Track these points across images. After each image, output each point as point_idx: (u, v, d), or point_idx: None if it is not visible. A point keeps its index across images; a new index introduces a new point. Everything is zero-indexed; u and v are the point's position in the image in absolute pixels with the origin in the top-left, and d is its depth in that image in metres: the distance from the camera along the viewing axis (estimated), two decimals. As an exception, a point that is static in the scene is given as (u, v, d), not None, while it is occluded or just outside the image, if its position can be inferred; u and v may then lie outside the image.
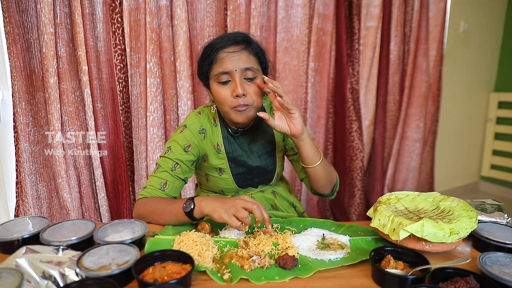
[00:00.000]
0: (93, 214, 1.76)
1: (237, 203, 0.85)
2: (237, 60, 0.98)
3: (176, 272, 0.68)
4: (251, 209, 0.84)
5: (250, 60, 1.00)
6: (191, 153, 1.06)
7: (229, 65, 0.97)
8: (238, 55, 0.98)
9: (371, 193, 2.37)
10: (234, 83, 0.98)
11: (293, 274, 0.71)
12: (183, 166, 1.05)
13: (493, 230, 0.86)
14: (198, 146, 1.08)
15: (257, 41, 1.08)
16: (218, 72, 0.99)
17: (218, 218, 0.85)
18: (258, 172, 1.14)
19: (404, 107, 2.35)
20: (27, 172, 1.56)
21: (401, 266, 0.72)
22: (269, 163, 1.15)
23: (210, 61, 1.01)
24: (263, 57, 1.07)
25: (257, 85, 0.99)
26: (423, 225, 0.75)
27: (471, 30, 2.91)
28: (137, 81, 1.72)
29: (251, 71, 0.99)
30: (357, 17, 2.07)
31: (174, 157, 1.04)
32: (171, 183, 1.04)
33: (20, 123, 1.52)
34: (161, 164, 1.05)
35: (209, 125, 1.10)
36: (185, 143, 1.05)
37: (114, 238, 0.81)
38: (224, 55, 0.99)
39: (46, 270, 0.65)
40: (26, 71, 1.52)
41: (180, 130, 1.08)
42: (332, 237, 0.87)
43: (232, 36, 1.02)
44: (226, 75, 0.99)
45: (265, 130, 1.14)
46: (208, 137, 1.09)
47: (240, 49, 1.00)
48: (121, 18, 1.63)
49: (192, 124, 1.08)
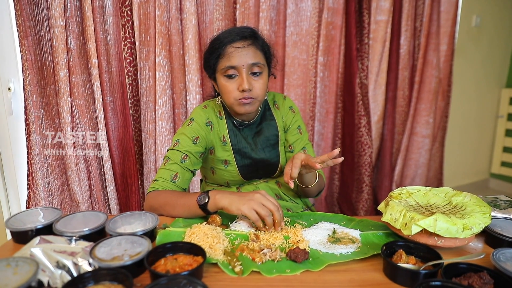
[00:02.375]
0: (102, 206, 1.78)
1: (257, 197, 0.86)
2: (245, 56, 1.00)
3: (188, 264, 0.68)
4: (272, 210, 0.86)
5: (257, 56, 1.03)
6: (200, 145, 1.08)
7: (236, 60, 1.00)
8: (245, 51, 1.01)
9: (379, 188, 2.35)
10: (240, 78, 1.01)
11: (304, 267, 0.71)
12: (192, 157, 1.07)
13: (507, 226, 0.85)
14: (205, 138, 1.10)
15: (264, 36, 1.10)
16: (225, 66, 1.01)
17: (235, 210, 0.85)
18: (263, 164, 1.16)
19: (414, 102, 2.32)
20: (38, 164, 1.58)
21: (413, 261, 0.72)
22: (273, 155, 1.17)
23: (218, 55, 1.03)
24: (269, 52, 1.10)
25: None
26: (435, 219, 0.74)
27: (483, 25, 2.86)
28: (146, 74, 1.72)
29: (258, 66, 1.02)
30: (367, 11, 2.05)
31: (183, 149, 1.05)
32: (181, 175, 1.05)
33: (31, 116, 1.53)
34: (170, 157, 1.06)
35: (215, 118, 1.13)
36: (193, 135, 1.07)
37: (125, 229, 0.81)
38: (231, 50, 1.01)
39: (60, 259, 0.66)
40: (37, 64, 1.53)
41: (187, 124, 1.10)
42: (343, 231, 0.87)
43: (240, 31, 1.03)
44: (233, 70, 1.01)
45: (269, 123, 1.17)
46: (214, 129, 1.12)
47: (248, 45, 1.02)
48: (131, 12, 1.63)
49: (199, 117, 1.10)
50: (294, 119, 1.20)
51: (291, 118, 1.20)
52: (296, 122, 1.21)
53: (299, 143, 1.20)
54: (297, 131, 1.20)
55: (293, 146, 1.20)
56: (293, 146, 1.20)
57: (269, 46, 1.10)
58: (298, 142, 1.20)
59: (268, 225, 0.86)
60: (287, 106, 1.21)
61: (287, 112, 1.20)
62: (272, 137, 1.17)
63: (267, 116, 1.18)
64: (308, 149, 1.21)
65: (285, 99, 1.22)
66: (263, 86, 1.05)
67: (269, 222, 0.85)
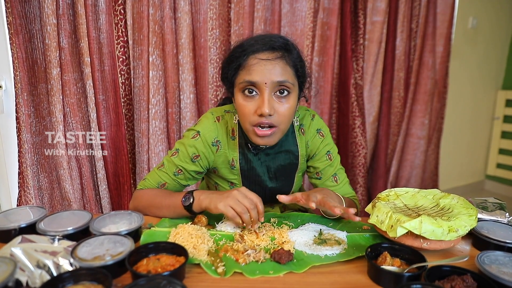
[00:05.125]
0: (94, 206, 1.77)
1: (234, 194, 0.83)
2: (269, 71, 0.82)
3: (170, 264, 0.68)
4: (248, 208, 0.82)
5: (286, 72, 0.84)
6: (198, 164, 0.98)
7: (258, 75, 0.82)
8: (271, 65, 0.83)
9: (374, 190, 2.35)
10: (261, 98, 0.84)
11: (287, 269, 0.71)
12: (187, 174, 0.99)
13: (494, 228, 0.84)
14: (208, 158, 0.99)
15: (298, 49, 0.91)
16: (243, 80, 0.84)
17: (214, 209, 0.84)
18: (272, 192, 1.04)
19: (409, 103, 2.32)
20: (29, 163, 1.57)
21: (397, 263, 0.71)
22: (285, 184, 1.06)
23: (238, 65, 0.87)
24: (302, 70, 0.91)
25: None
26: (421, 222, 0.74)
27: (480, 26, 2.86)
28: (139, 73, 1.71)
29: (285, 86, 0.84)
30: (363, 12, 2.04)
31: (179, 163, 0.97)
32: (170, 186, 1.01)
33: (22, 114, 1.52)
34: (166, 165, 0.99)
35: (225, 137, 0.99)
36: (194, 152, 0.96)
37: (110, 229, 0.81)
38: (254, 62, 0.83)
39: (40, 259, 0.65)
40: (28, 62, 1.52)
41: (192, 135, 0.97)
42: (330, 233, 0.86)
43: (269, 39, 0.86)
44: (253, 87, 0.84)
45: (289, 150, 1.02)
46: (222, 150, 0.98)
47: (276, 57, 0.84)
48: (124, 10, 1.62)
49: (206, 132, 0.97)
50: (322, 144, 1.03)
51: (318, 143, 1.03)
52: (325, 147, 1.04)
53: (328, 170, 1.05)
54: (326, 157, 1.04)
55: (321, 173, 1.05)
56: (321, 173, 1.05)
57: (304, 63, 0.92)
58: (327, 169, 1.04)
59: (245, 222, 0.82)
60: (314, 130, 1.03)
61: (314, 137, 1.03)
62: (289, 166, 1.03)
63: (290, 141, 1.01)
64: (339, 175, 1.06)
65: (313, 119, 1.04)
66: (289, 112, 0.86)
67: (246, 219, 0.82)
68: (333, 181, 1.05)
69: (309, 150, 1.04)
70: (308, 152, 1.04)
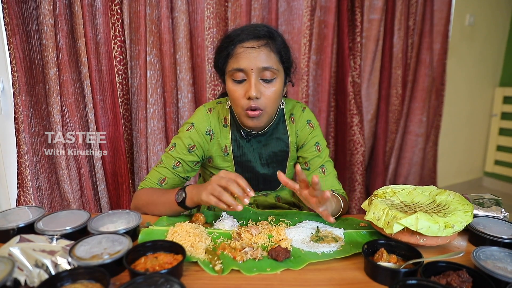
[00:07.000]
0: (93, 205, 1.77)
1: (213, 180, 0.83)
2: (255, 58, 0.89)
3: (168, 262, 0.68)
4: (225, 186, 0.80)
5: (270, 59, 0.91)
6: (195, 154, 1.02)
7: (245, 62, 0.89)
8: (256, 52, 0.89)
9: (372, 187, 2.35)
10: (248, 83, 0.90)
11: (284, 266, 0.71)
12: (185, 165, 1.02)
13: (490, 224, 0.85)
14: (203, 148, 1.03)
15: (282, 37, 0.97)
16: (232, 68, 0.91)
17: (200, 201, 0.85)
18: (265, 179, 1.09)
19: (407, 101, 2.33)
20: (27, 163, 1.57)
21: (394, 260, 0.72)
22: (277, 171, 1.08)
23: (227, 54, 0.93)
24: (287, 56, 0.97)
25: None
26: (417, 218, 0.74)
27: (477, 24, 2.86)
28: (137, 73, 1.71)
29: (270, 72, 0.91)
30: (360, 10, 2.05)
31: (176, 156, 1.01)
32: (170, 180, 1.02)
33: (21, 115, 1.52)
34: (164, 160, 1.03)
35: (218, 126, 1.04)
36: (190, 143, 1.01)
37: (108, 228, 0.81)
38: (241, 51, 0.90)
39: (38, 258, 0.65)
40: (26, 63, 1.52)
41: (187, 128, 1.02)
42: (327, 230, 0.87)
43: (254, 29, 0.92)
44: (241, 73, 0.91)
45: (280, 138, 1.07)
46: (215, 138, 1.04)
47: (260, 45, 0.90)
48: (121, 10, 1.62)
49: (200, 123, 1.02)
50: (311, 135, 1.08)
51: (307, 133, 1.07)
52: (314, 138, 1.08)
53: (317, 161, 1.08)
54: (315, 148, 1.08)
55: (310, 163, 1.08)
56: (310, 164, 1.08)
57: (288, 49, 0.97)
58: (315, 160, 1.08)
59: (228, 203, 0.79)
60: (304, 120, 1.08)
61: (303, 127, 1.07)
62: (281, 153, 1.07)
63: (280, 129, 1.06)
64: (327, 167, 1.08)
65: (303, 111, 1.09)
66: (275, 96, 0.92)
67: (226, 199, 0.79)
68: (320, 172, 1.08)
69: (299, 139, 1.09)
70: (298, 141, 1.09)
